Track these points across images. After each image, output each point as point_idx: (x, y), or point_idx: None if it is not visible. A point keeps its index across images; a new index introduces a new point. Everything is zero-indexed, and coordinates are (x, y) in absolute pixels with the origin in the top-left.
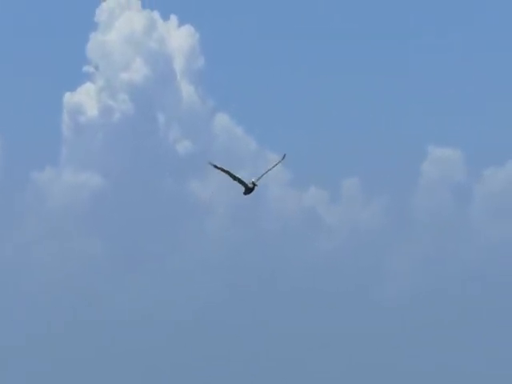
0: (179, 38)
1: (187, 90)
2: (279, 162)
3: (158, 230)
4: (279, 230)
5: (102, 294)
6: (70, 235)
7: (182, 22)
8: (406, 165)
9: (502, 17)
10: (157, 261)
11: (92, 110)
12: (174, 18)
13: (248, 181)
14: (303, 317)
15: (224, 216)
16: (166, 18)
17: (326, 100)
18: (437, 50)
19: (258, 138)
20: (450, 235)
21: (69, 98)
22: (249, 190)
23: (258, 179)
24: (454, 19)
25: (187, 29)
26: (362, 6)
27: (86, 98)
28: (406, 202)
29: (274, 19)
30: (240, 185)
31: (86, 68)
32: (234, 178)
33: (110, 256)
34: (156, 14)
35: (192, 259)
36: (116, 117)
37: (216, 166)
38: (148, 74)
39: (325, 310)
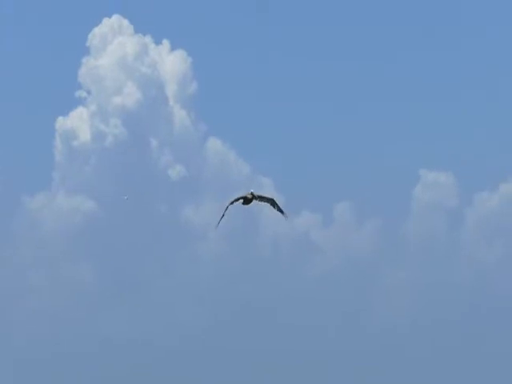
0: (172, 62)
1: (180, 114)
2: (278, 210)
3: (150, 255)
4: (272, 255)
5: (93, 319)
6: (62, 260)
7: (174, 47)
8: (399, 189)
9: (492, 43)
10: (149, 286)
11: (84, 135)
12: (166, 43)
13: (247, 192)
14: (296, 341)
15: (217, 241)
16: (158, 42)
17: (319, 125)
18: (427, 75)
19: (250, 162)
20: (442, 259)
21: (61, 122)
22: (248, 201)
23: (258, 196)
24: (443, 45)
25: (180, 53)
26: (355, 41)
27: (78, 123)
28: (398, 226)
29: (266, 44)
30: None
31: (78, 93)
32: (235, 201)
33: (101, 281)
34: (148, 39)
35: (184, 284)
36: (108, 141)
37: (222, 216)
38: (140, 98)
39: (317, 333)
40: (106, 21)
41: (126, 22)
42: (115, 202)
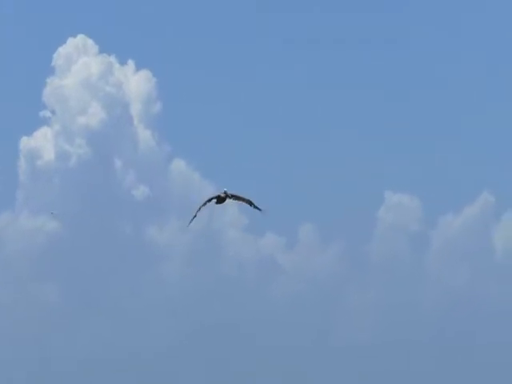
0: (136, 82)
1: (144, 134)
2: (253, 206)
3: (114, 274)
4: (236, 276)
5: (58, 339)
6: (26, 280)
7: (139, 67)
8: (363, 210)
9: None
10: (114, 306)
11: (48, 155)
12: (131, 63)
13: (220, 192)
14: (260, 362)
15: (181, 261)
16: (123, 62)
17: (282, 147)
18: (393, 98)
19: (214, 183)
20: (405, 281)
21: (25, 142)
22: (221, 200)
23: (232, 195)
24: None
25: (144, 74)
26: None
27: (42, 143)
28: (362, 248)
29: (230, 65)
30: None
31: (42, 112)
32: (207, 201)
33: (66, 301)
34: (113, 59)
35: (148, 304)
36: (72, 161)
37: (194, 217)
38: (105, 118)
39: (282, 353)
40: (70, 40)
41: (90, 42)
42: (79, 221)
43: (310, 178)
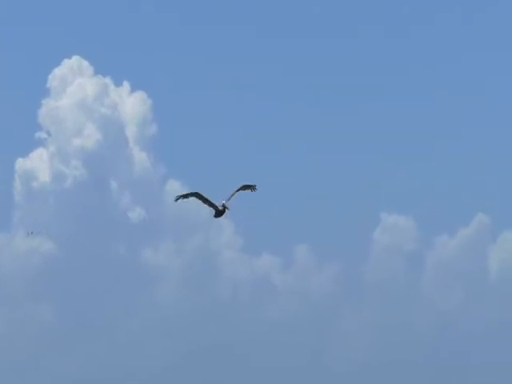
0: (131, 104)
1: (139, 156)
2: (249, 188)
3: (109, 296)
4: (231, 297)
5: (52, 361)
6: (21, 301)
7: (134, 88)
8: (358, 231)
9: (456, 89)
10: (109, 327)
11: (44, 176)
12: (126, 85)
13: (218, 203)
14: (255, 382)
15: (176, 282)
16: (118, 83)
17: (278, 167)
18: (389, 120)
19: None
20: (401, 303)
21: (21, 163)
22: (219, 213)
23: (228, 200)
24: (405, 95)
25: (140, 95)
26: (316, 88)
27: (38, 164)
28: (357, 269)
29: (227, 86)
30: (210, 208)
31: (38, 134)
32: (205, 200)
33: (61, 322)
34: (108, 80)
35: (143, 327)
36: (68, 183)
37: (182, 196)
38: (100, 140)
39: (278, 375)
40: (65, 62)
41: (85, 63)
42: (74, 243)
43: (306, 199)
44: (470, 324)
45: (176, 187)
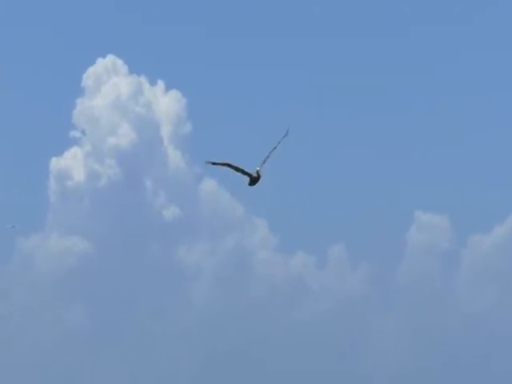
0: (166, 103)
1: (174, 155)
2: (282, 138)
3: (143, 295)
4: (265, 296)
5: (85, 360)
6: (55, 301)
7: (169, 87)
8: (393, 231)
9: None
10: (141, 327)
11: (79, 175)
12: (160, 83)
13: (252, 171)
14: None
15: (210, 282)
16: (153, 82)
17: (313, 166)
18: (422, 118)
19: (244, 203)
20: (436, 302)
21: (55, 163)
22: (254, 181)
23: (261, 167)
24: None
25: (174, 94)
26: (345, 89)
27: (72, 163)
28: (392, 269)
29: (259, 86)
30: (244, 176)
31: (72, 133)
32: (237, 169)
33: (94, 322)
34: (143, 79)
35: (178, 326)
36: (103, 182)
37: (214, 163)
38: (135, 139)
39: (310, 376)
40: (100, 61)
41: (120, 62)
42: (109, 242)
43: (341, 198)
44: (505, 324)
45: (211, 186)
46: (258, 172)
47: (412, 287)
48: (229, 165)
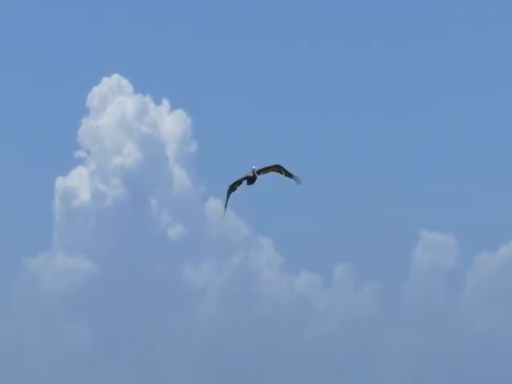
0: (171, 122)
1: (179, 174)
2: (290, 178)
3: (148, 315)
4: (271, 315)
5: (89, 379)
6: (60, 320)
7: (174, 107)
8: (398, 250)
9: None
10: (146, 346)
11: (84, 195)
12: (166, 103)
13: (248, 172)
14: None
15: (215, 301)
16: (158, 102)
17: (317, 184)
18: (427, 139)
19: (249, 222)
20: (441, 322)
21: (61, 182)
22: (251, 180)
23: (258, 170)
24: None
25: (179, 113)
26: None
27: (78, 183)
28: (398, 288)
29: (266, 105)
30: (243, 182)
31: (77, 153)
32: (239, 182)
33: (99, 340)
34: (148, 98)
35: (183, 345)
36: (108, 201)
37: (226, 205)
38: (140, 158)
39: None
40: (105, 80)
41: (125, 82)
42: (115, 261)
43: (346, 217)
44: (510, 343)
45: (216, 205)
46: (253, 171)
47: (418, 306)
48: (232, 190)
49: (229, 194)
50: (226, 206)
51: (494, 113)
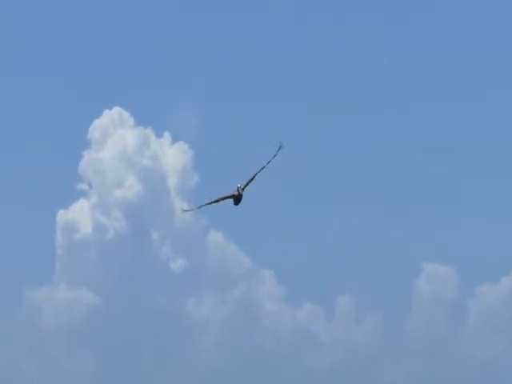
0: (173, 155)
1: (181, 207)
2: (275, 155)
3: (151, 348)
4: (273, 347)
5: None
6: (62, 353)
7: (175, 139)
8: (400, 281)
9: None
10: (149, 379)
11: (86, 227)
12: (167, 135)
13: (233, 191)
14: None
15: (218, 333)
16: (159, 134)
17: (320, 217)
18: (429, 172)
19: (251, 255)
20: (443, 352)
21: (62, 215)
22: (237, 199)
23: (244, 186)
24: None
25: (180, 146)
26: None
27: (79, 215)
28: (399, 319)
29: (265, 139)
30: (228, 200)
31: (79, 185)
32: (217, 201)
33: (102, 374)
34: (149, 131)
35: (185, 378)
36: (110, 234)
37: (196, 208)
38: (141, 191)
39: None
40: (106, 113)
41: (126, 115)
42: (117, 294)
43: (348, 249)
44: None
45: (218, 238)
46: (238, 189)
47: (420, 337)
48: (214, 202)
49: (209, 203)
50: (199, 207)
51: (486, 146)
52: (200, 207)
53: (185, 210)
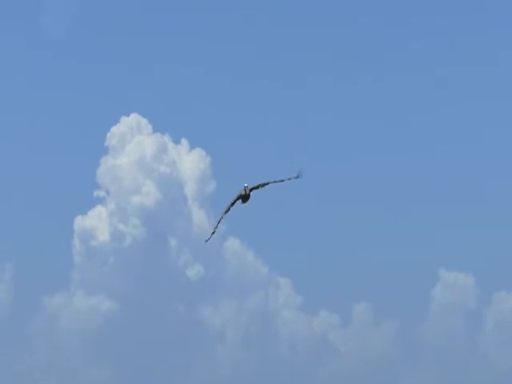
0: (190, 161)
1: (198, 214)
2: (290, 179)
3: (168, 355)
4: (290, 355)
5: None
6: (80, 360)
7: (193, 146)
8: (417, 289)
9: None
10: None
11: (103, 234)
12: (185, 142)
13: (240, 190)
14: None
15: (234, 341)
16: (177, 141)
17: (337, 226)
18: (447, 176)
19: (268, 262)
20: (460, 360)
21: (80, 222)
22: (244, 198)
23: (255, 187)
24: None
25: (198, 152)
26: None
27: (97, 222)
28: (416, 327)
29: (283, 142)
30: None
31: (96, 192)
32: (232, 204)
33: (119, 381)
34: (167, 138)
35: None
36: (127, 241)
37: (215, 228)
38: (159, 198)
39: None
40: (124, 120)
41: (144, 121)
42: (134, 301)
43: (364, 257)
44: None
45: (236, 245)
46: (245, 189)
47: (437, 345)
48: (226, 212)
49: (223, 215)
50: (212, 233)
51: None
52: (217, 226)
53: (207, 240)
